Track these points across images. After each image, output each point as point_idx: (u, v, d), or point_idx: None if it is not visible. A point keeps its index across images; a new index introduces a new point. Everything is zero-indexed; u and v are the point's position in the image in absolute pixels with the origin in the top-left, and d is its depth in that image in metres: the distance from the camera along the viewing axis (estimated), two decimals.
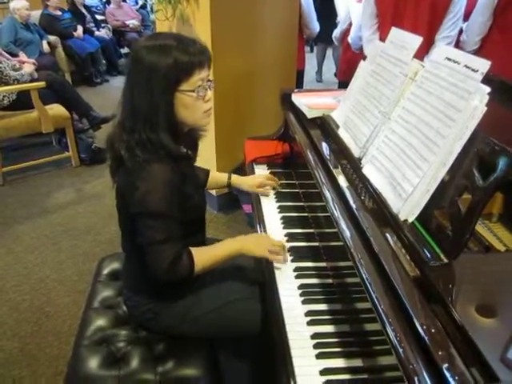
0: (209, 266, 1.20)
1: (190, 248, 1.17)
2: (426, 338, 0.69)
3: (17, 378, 1.76)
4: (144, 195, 1.08)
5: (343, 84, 2.82)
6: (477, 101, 0.86)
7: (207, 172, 1.54)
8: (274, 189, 1.64)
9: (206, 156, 2.59)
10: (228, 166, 2.42)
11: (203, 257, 1.19)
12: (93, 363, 1.19)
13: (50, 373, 1.78)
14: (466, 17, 2.54)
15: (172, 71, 1.06)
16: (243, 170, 1.87)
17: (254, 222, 1.51)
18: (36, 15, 5.29)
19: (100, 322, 1.33)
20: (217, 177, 1.59)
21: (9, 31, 4.67)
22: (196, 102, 1.12)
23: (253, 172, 1.76)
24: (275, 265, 1.25)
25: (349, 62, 3.23)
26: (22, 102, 3.27)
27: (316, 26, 3.22)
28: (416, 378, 0.66)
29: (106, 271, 1.55)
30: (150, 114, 1.09)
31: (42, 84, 3.26)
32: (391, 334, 0.74)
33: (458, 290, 0.79)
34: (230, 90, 2.54)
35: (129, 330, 1.30)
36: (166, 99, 1.09)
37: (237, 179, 1.60)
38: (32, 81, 3.43)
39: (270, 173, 1.70)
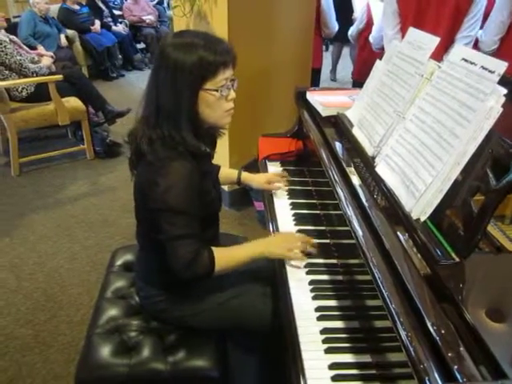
0: (230, 267, 1.19)
1: (212, 248, 1.17)
2: (438, 338, 0.70)
3: (30, 364, 1.80)
4: (165, 191, 1.09)
5: (358, 83, 2.81)
6: (492, 102, 0.85)
7: (218, 168, 1.55)
8: (283, 186, 1.63)
9: (220, 152, 2.57)
10: (241, 163, 2.44)
11: (225, 257, 1.18)
12: (105, 351, 1.22)
13: (63, 360, 1.81)
14: (486, 18, 2.51)
15: (197, 69, 1.07)
16: (256, 166, 1.88)
17: (266, 218, 1.52)
18: (54, 9, 5.37)
19: (113, 311, 1.36)
20: (227, 173, 1.59)
21: (28, 24, 4.75)
22: (219, 100, 1.14)
23: (265, 169, 1.77)
24: (286, 260, 1.26)
25: (364, 62, 3.22)
26: (39, 94, 3.33)
27: (335, 25, 3.23)
28: (427, 378, 0.66)
29: (119, 262, 1.57)
30: (173, 111, 1.10)
31: (59, 77, 3.31)
32: (402, 333, 0.74)
33: (469, 289, 0.80)
34: (245, 86, 2.51)
35: (141, 320, 1.33)
36: (189, 97, 1.10)
37: (247, 176, 1.61)
38: (50, 74, 3.48)
39: (283, 170, 1.71)
